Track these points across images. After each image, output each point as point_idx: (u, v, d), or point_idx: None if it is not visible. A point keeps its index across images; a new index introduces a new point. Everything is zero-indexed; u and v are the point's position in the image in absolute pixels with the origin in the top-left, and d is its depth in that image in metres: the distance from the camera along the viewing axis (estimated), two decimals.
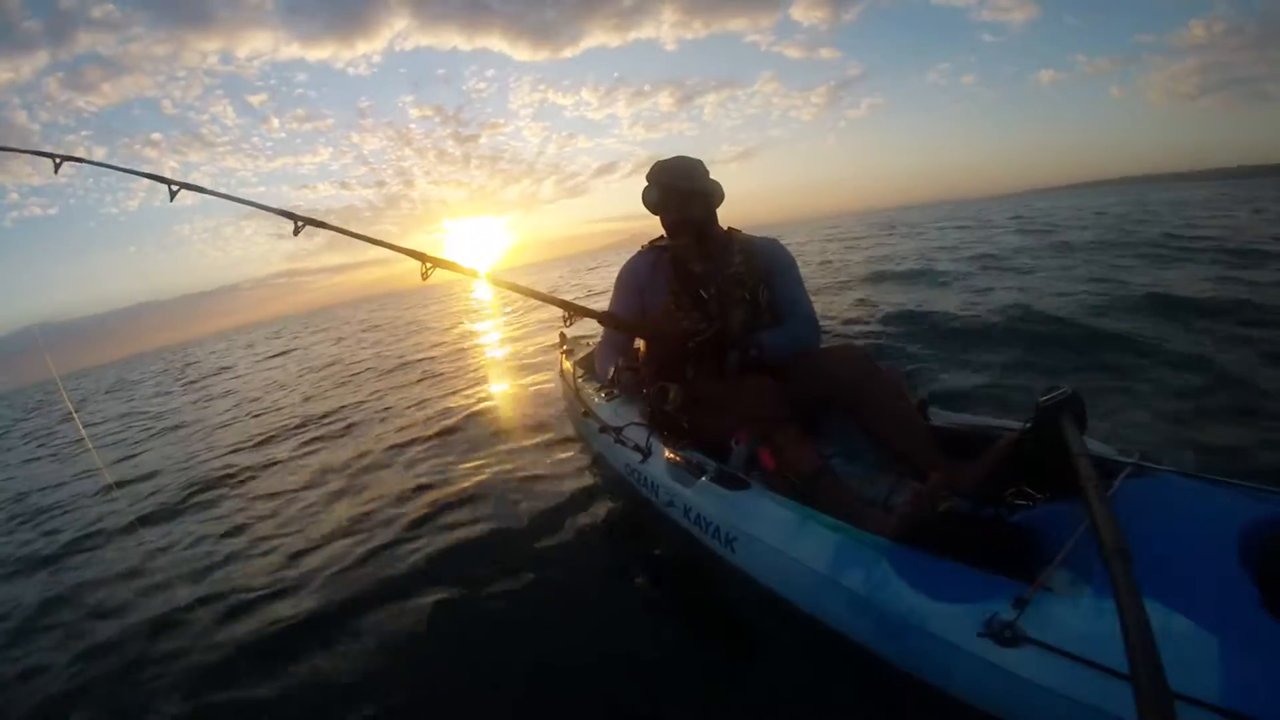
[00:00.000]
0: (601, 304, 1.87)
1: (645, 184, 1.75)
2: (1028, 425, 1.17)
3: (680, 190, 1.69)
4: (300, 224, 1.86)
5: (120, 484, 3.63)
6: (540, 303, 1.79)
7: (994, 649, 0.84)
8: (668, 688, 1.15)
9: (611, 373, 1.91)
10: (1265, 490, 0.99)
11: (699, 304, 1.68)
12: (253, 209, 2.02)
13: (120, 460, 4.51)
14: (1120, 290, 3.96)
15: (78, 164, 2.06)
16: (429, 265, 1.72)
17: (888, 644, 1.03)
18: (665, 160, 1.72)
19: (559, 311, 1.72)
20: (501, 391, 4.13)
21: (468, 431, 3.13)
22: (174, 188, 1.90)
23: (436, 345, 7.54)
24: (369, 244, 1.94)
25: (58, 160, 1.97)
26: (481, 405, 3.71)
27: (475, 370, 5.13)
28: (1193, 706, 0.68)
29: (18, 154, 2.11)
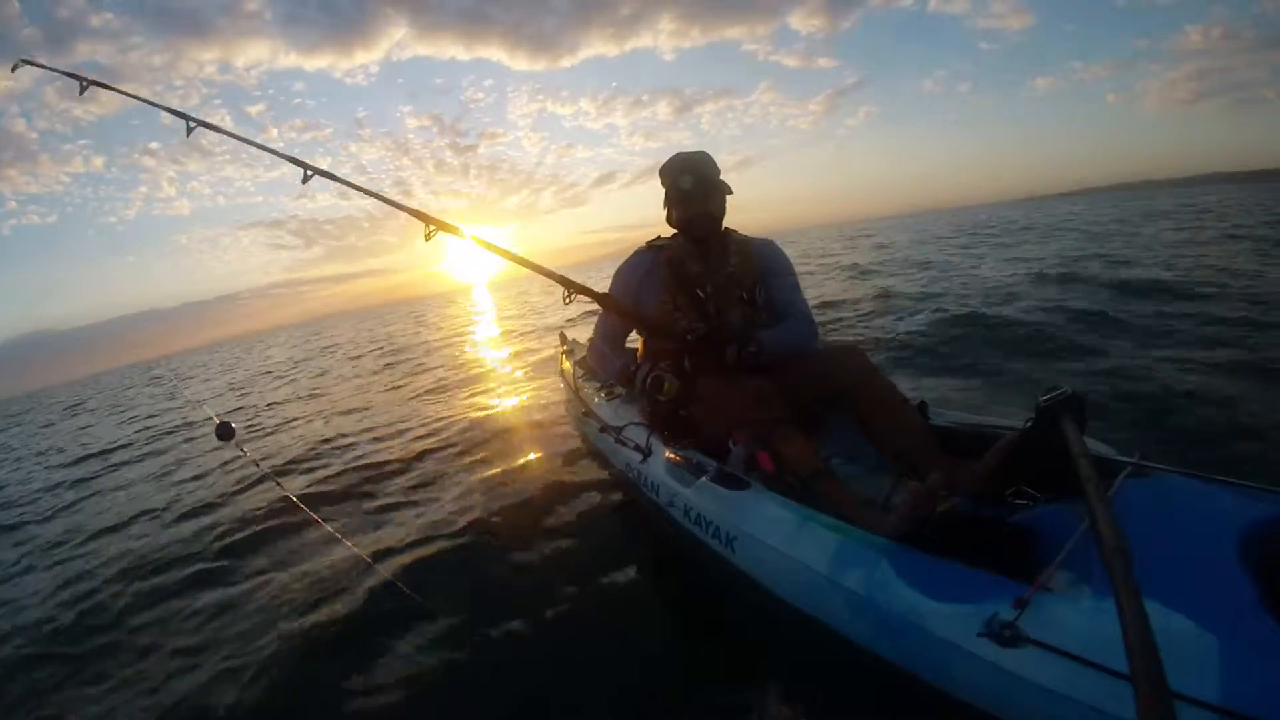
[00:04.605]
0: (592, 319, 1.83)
1: (667, 177, 1.71)
2: (1028, 425, 1.16)
3: (710, 182, 1.68)
4: (309, 173, 1.96)
5: None
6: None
7: (994, 649, 0.84)
8: (667, 687, 1.16)
9: (619, 372, 1.81)
10: (1265, 490, 0.99)
11: (696, 303, 1.68)
12: (270, 156, 2.11)
13: None
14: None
15: (106, 90, 2.16)
16: (431, 228, 1.80)
17: (888, 644, 1.03)
18: (688, 153, 1.69)
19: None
20: (500, 392, 4.13)
21: (466, 434, 3.13)
22: (191, 124, 2.05)
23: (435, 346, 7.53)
24: (378, 202, 2.02)
25: (84, 84, 2.10)
26: (480, 406, 3.72)
27: (471, 373, 5.13)
28: (1193, 706, 0.68)
29: (52, 72, 2.21)
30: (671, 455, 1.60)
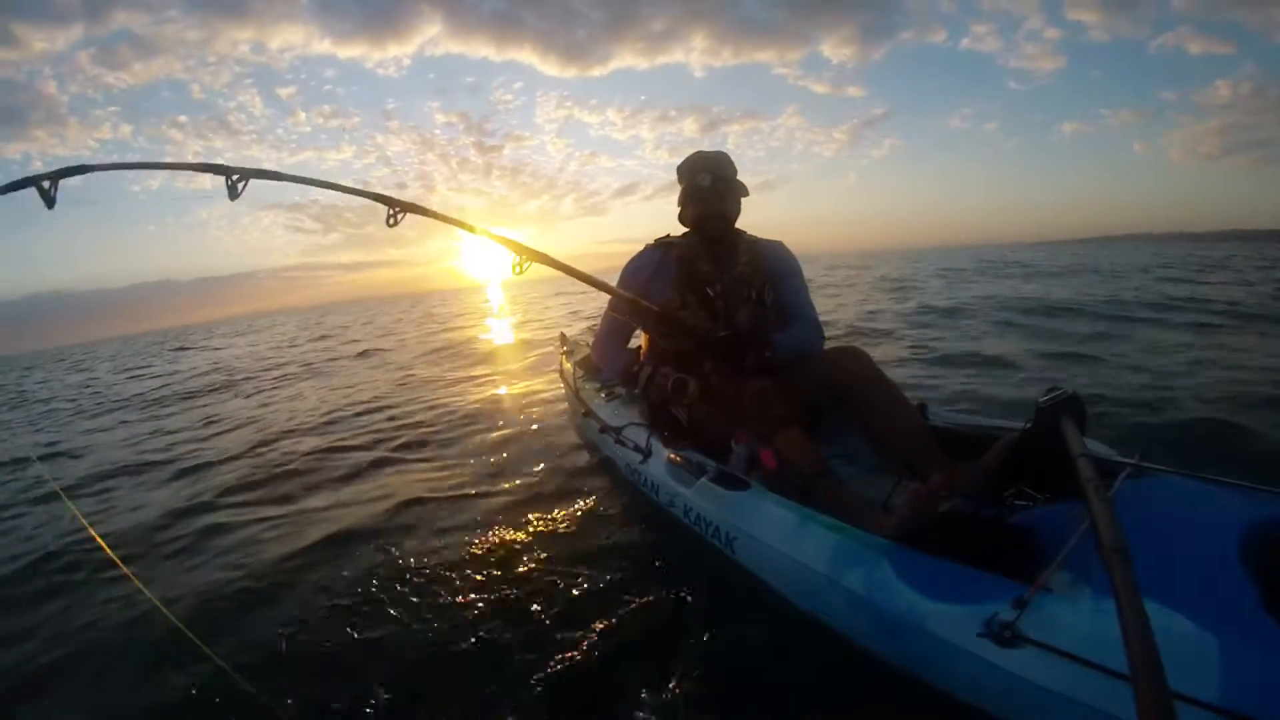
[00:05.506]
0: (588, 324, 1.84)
1: (685, 175, 1.73)
2: (1028, 426, 1.16)
3: (727, 181, 1.69)
4: (397, 212, 1.60)
5: None
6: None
7: (994, 649, 0.84)
8: (667, 687, 1.15)
9: (621, 370, 1.82)
10: (1265, 490, 0.99)
11: (705, 302, 1.68)
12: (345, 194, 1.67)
13: None
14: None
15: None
16: (523, 260, 1.55)
17: (888, 644, 1.03)
18: (706, 152, 1.72)
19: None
20: (499, 392, 4.13)
21: (465, 435, 3.13)
22: (234, 178, 1.52)
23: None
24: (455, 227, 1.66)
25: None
26: (479, 407, 3.72)
27: (472, 368, 5.12)
28: (1193, 706, 0.68)
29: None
30: (671, 455, 1.60)
